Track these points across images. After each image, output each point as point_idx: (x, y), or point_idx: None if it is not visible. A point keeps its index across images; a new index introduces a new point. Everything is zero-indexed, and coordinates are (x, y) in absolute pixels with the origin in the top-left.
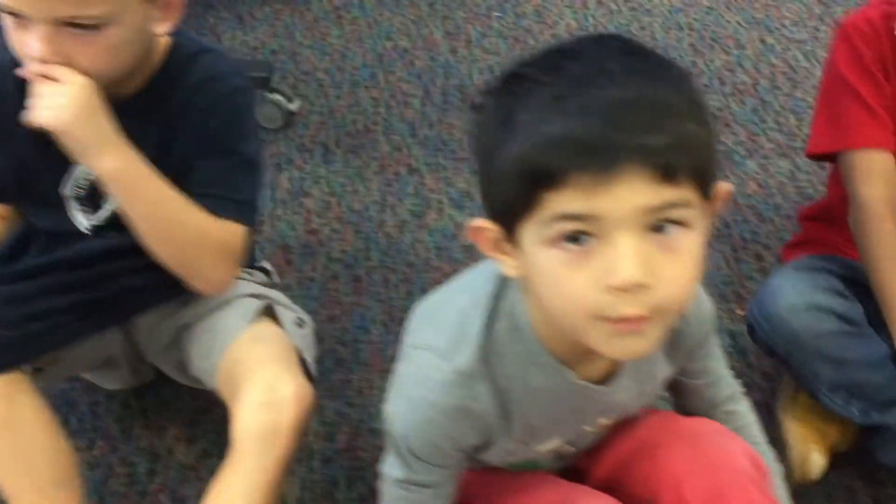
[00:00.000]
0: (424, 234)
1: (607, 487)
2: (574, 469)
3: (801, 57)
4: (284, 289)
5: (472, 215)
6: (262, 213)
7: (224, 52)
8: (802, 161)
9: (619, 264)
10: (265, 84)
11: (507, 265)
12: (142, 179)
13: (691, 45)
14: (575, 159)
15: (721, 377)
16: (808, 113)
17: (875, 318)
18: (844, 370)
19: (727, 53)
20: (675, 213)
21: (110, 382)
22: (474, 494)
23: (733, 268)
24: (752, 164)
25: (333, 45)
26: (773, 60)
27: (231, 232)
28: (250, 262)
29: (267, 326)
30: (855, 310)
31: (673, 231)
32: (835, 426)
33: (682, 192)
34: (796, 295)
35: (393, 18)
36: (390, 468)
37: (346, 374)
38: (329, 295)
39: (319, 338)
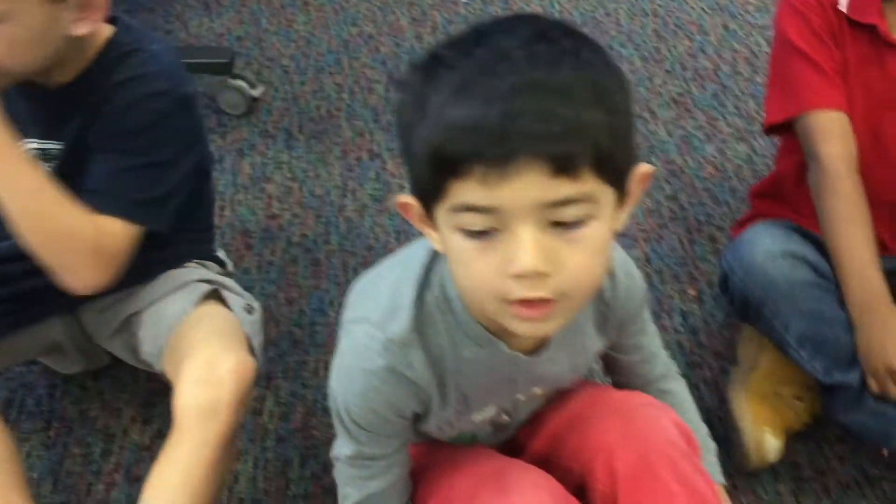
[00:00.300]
0: (384, 219)
1: (544, 461)
2: (512, 443)
3: (762, 42)
4: (243, 272)
5: None
6: (224, 199)
7: (165, 52)
8: (759, 145)
9: (518, 254)
10: (227, 70)
11: (433, 239)
12: (13, 165)
13: (655, 30)
14: (473, 149)
15: (655, 354)
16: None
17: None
18: (814, 324)
19: (690, 39)
20: (576, 211)
21: (64, 367)
22: (413, 470)
23: (687, 249)
24: (710, 148)
25: (299, 31)
26: (736, 46)
27: (110, 232)
28: (206, 253)
29: (213, 307)
30: (825, 264)
31: (575, 226)
32: (788, 408)
33: (582, 187)
34: (773, 242)
35: (359, 5)
36: (340, 448)
37: (302, 356)
38: (288, 278)
39: (276, 320)
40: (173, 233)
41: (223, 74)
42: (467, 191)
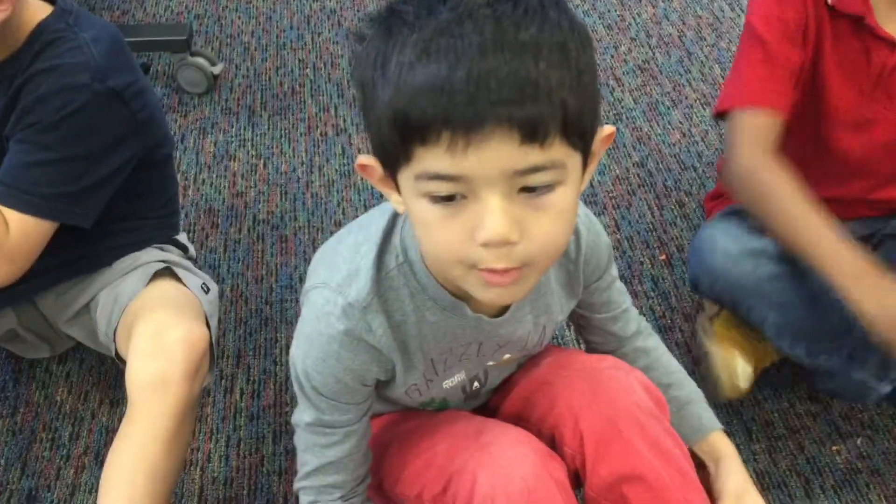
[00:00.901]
0: (352, 194)
1: (514, 424)
2: (483, 409)
3: (725, 7)
4: (210, 251)
5: None
6: (187, 179)
7: (96, 41)
8: None
9: (486, 222)
10: (185, 47)
11: (394, 200)
12: None
13: None
14: (439, 114)
15: (626, 311)
16: (731, 63)
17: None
18: (789, 314)
19: (654, 6)
20: (544, 177)
21: (28, 352)
22: (390, 437)
23: (656, 215)
24: (676, 115)
25: (259, 7)
26: (699, 12)
27: (18, 229)
28: (167, 238)
29: (165, 283)
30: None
31: (542, 192)
32: (757, 341)
33: (550, 154)
34: (731, 242)
35: None
36: (300, 414)
37: (272, 333)
38: (255, 256)
39: (245, 298)
40: (132, 220)
41: (182, 52)
42: (433, 158)
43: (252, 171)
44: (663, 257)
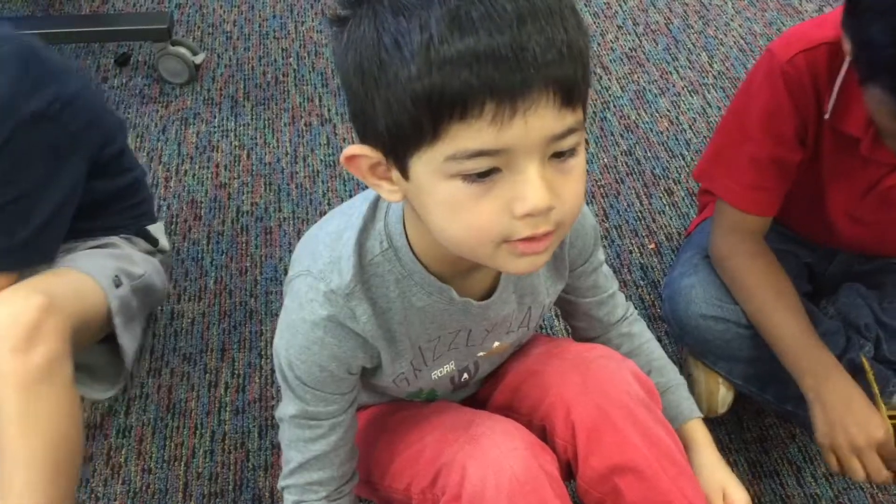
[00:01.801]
0: (337, 184)
1: (504, 415)
2: (472, 400)
3: None
4: (193, 244)
5: None
6: (169, 170)
7: (10, 58)
8: (713, 97)
9: (528, 194)
10: (166, 36)
11: (384, 190)
12: None
13: None
14: (484, 84)
15: (613, 295)
16: (719, 50)
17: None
18: (756, 366)
19: None
20: (572, 140)
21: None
22: (377, 430)
23: (645, 203)
24: (663, 102)
25: None
26: None
27: None
28: (136, 228)
29: (55, 271)
30: None
31: (567, 156)
32: None
33: (577, 115)
34: (706, 304)
35: None
36: (285, 407)
37: (257, 326)
38: (239, 248)
39: (230, 291)
40: (94, 218)
41: (162, 41)
42: (474, 134)
43: (235, 161)
44: (652, 246)
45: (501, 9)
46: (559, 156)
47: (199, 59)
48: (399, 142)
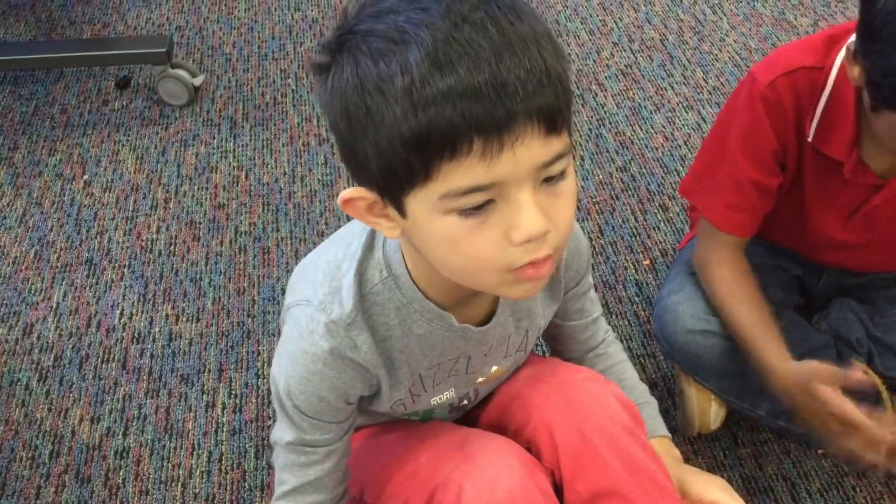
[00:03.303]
0: (335, 204)
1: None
2: (465, 417)
3: (707, 10)
4: (191, 265)
5: None
6: (168, 191)
7: None
8: (707, 113)
9: (523, 222)
10: (165, 59)
11: (383, 227)
12: None
13: (600, 3)
14: (469, 121)
15: (596, 320)
16: (713, 66)
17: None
18: (745, 381)
19: (635, 10)
20: (560, 165)
21: None
22: (371, 450)
23: (640, 220)
24: (658, 118)
25: (241, 18)
26: (681, 15)
27: None
28: None
29: None
30: None
31: (557, 179)
32: None
33: (564, 139)
34: (692, 319)
35: None
36: (280, 433)
37: (254, 346)
38: (237, 268)
39: (227, 311)
40: None
41: (162, 64)
42: (464, 171)
43: (234, 182)
44: (647, 262)
45: (478, 45)
46: (549, 180)
47: (198, 81)
48: (392, 183)
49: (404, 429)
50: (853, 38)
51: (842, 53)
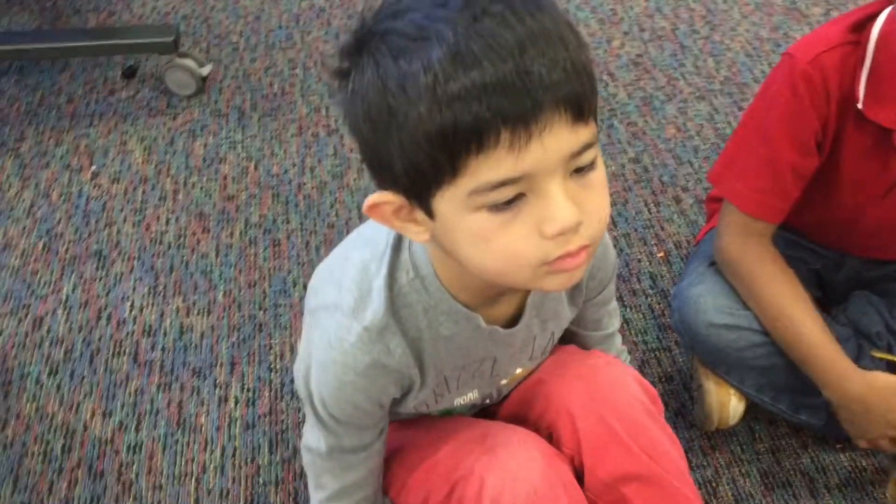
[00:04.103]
0: (345, 195)
1: (514, 424)
2: (483, 411)
3: (719, 0)
4: (201, 257)
5: None
6: (177, 183)
7: None
8: (720, 103)
9: (555, 213)
10: (172, 49)
11: (411, 232)
12: None
13: None
14: (496, 113)
15: (612, 335)
16: (725, 55)
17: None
18: (769, 376)
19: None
20: (589, 155)
21: None
22: (392, 447)
23: (653, 211)
24: (670, 109)
25: (247, 7)
26: (692, 4)
27: None
28: None
29: None
30: None
31: (587, 170)
32: None
33: (592, 129)
34: (714, 312)
35: None
36: (316, 441)
37: (266, 339)
38: (248, 261)
39: (238, 304)
40: None
41: (169, 54)
42: (493, 165)
43: (243, 173)
44: (661, 254)
45: (500, 38)
46: (579, 171)
47: (205, 70)
48: (419, 183)
49: (423, 424)
50: None
51: (880, 22)
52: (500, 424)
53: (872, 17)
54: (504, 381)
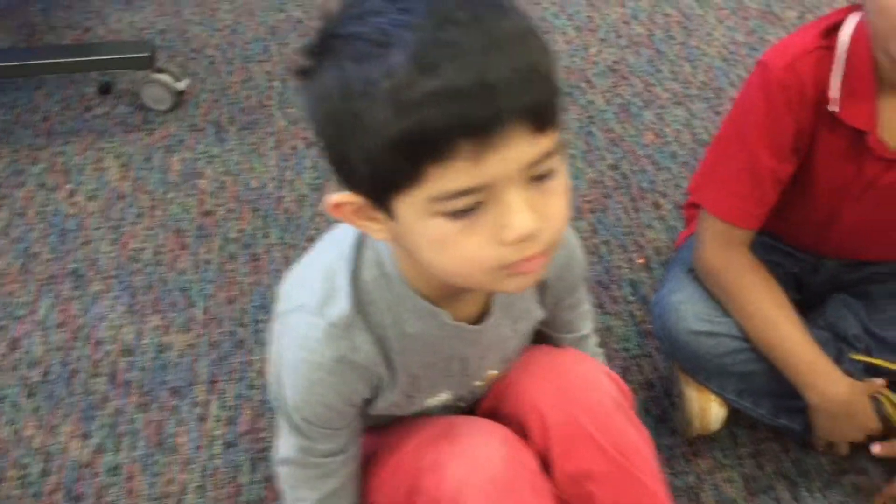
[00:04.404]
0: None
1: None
2: (459, 413)
3: (694, 5)
4: (179, 273)
5: None
6: (154, 199)
7: None
8: (697, 108)
9: (514, 221)
10: (148, 64)
11: (373, 230)
12: None
13: None
14: (457, 122)
15: (584, 338)
16: (702, 60)
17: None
18: (749, 381)
19: (623, 6)
20: (550, 163)
21: None
22: (364, 456)
23: (632, 218)
24: (648, 115)
25: (224, 20)
26: (668, 10)
27: None
28: None
29: None
30: None
31: (548, 177)
32: None
33: (553, 137)
34: (696, 320)
35: None
36: (287, 450)
37: (246, 356)
38: (227, 276)
39: (218, 321)
40: None
41: (145, 69)
42: (452, 174)
43: (221, 188)
44: (641, 260)
45: (463, 45)
46: (539, 178)
47: (182, 85)
48: (380, 187)
49: (395, 425)
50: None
51: (850, 26)
52: (466, 417)
53: (842, 22)
54: (477, 383)
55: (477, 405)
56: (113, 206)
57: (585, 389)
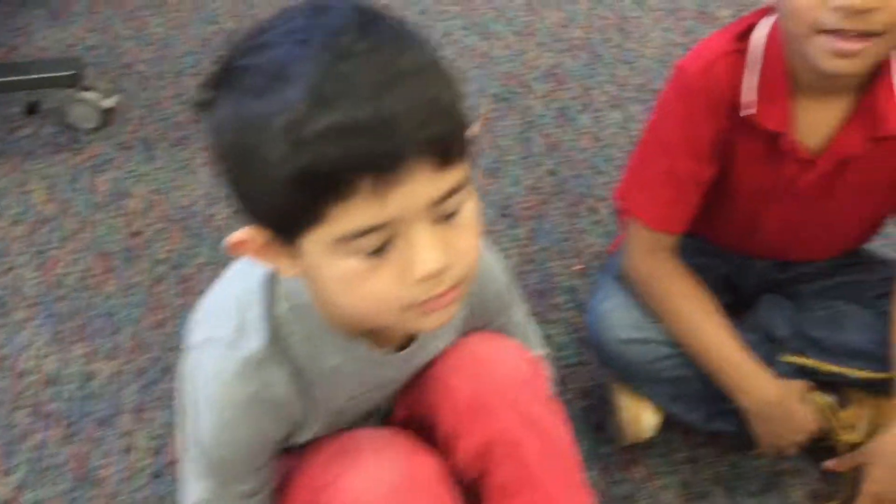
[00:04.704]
0: None
1: (408, 422)
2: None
3: (630, 7)
4: (105, 298)
5: None
6: (79, 222)
7: None
8: (635, 110)
9: (420, 257)
10: (74, 82)
11: (281, 267)
12: None
13: (526, 3)
14: (355, 159)
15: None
16: (639, 62)
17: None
18: (681, 386)
19: (560, 10)
20: (458, 198)
21: None
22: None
23: (570, 224)
24: (585, 119)
25: (155, 34)
26: (605, 13)
27: None
28: None
29: None
30: None
31: (456, 215)
32: None
33: (459, 172)
34: (626, 328)
35: (217, 0)
36: (202, 493)
37: (173, 383)
38: (155, 299)
39: (146, 346)
40: None
41: (71, 87)
42: (354, 213)
43: (150, 207)
44: (579, 267)
45: (361, 79)
46: (449, 215)
47: (109, 102)
48: (284, 224)
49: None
50: None
51: (763, 27)
52: (368, 431)
53: (756, 25)
54: (395, 388)
55: (397, 408)
56: (38, 230)
57: (494, 364)
